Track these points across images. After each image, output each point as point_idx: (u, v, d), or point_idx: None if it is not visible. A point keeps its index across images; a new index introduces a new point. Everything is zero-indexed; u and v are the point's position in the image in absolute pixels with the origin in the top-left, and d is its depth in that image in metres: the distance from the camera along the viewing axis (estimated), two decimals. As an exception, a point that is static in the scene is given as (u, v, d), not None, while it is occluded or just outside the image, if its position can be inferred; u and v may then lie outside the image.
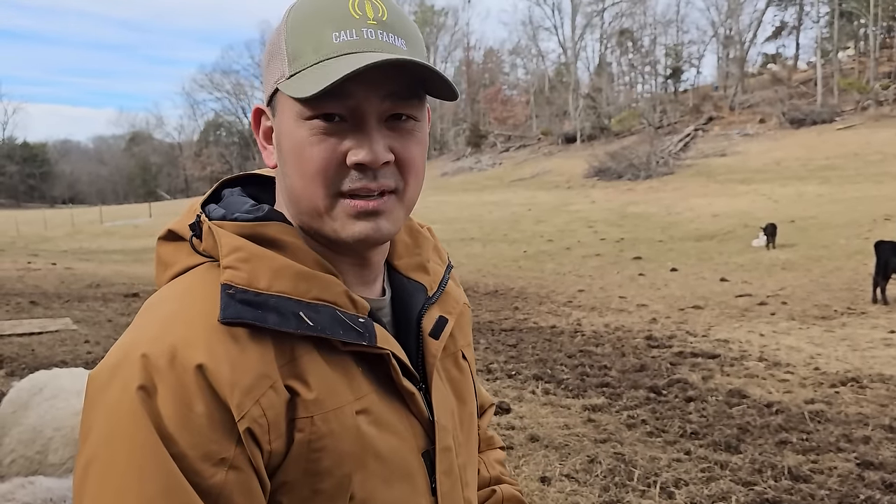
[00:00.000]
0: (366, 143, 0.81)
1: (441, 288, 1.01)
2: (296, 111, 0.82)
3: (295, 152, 0.83)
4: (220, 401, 0.73)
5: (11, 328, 9.46)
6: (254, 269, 0.80)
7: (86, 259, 25.70)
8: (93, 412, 0.75)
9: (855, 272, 15.19)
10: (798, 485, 4.41)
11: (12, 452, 3.34)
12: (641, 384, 6.92)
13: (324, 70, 0.78)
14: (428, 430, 0.91)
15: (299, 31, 0.82)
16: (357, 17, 0.81)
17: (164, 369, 0.73)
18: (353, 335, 0.82)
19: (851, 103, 50.02)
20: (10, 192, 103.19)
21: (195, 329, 0.76)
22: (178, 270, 0.87)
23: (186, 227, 0.88)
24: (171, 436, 0.71)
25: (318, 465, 0.78)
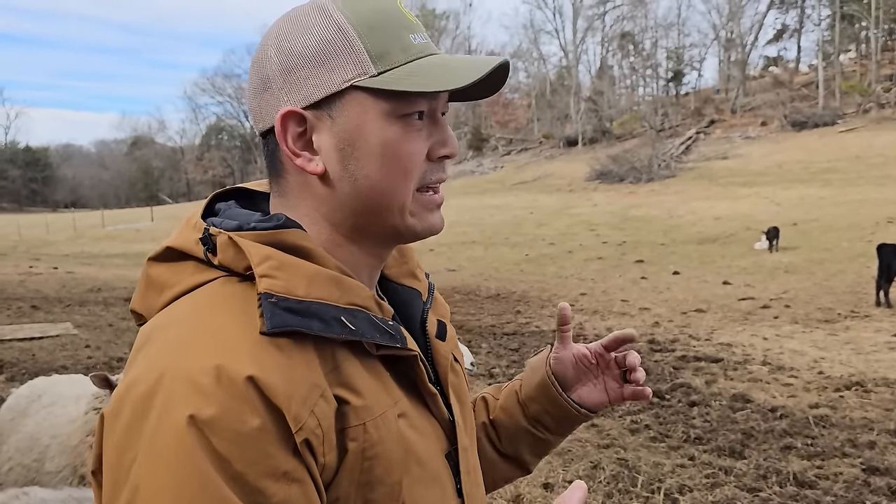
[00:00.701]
0: (448, 136, 0.87)
1: (430, 294, 1.02)
2: (383, 110, 0.82)
3: (386, 152, 0.82)
4: (277, 412, 0.69)
5: (12, 333, 9.45)
6: (289, 276, 0.77)
7: (87, 263, 25.71)
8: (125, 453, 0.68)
9: (858, 275, 15.15)
10: (804, 491, 4.38)
11: (10, 460, 3.31)
12: (644, 389, 6.88)
13: (438, 68, 0.82)
14: (447, 431, 0.91)
15: (376, 30, 0.82)
16: (414, 23, 0.86)
17: (210, 388, 0.68)
18: (387, 338, 0.82)
19: (853, 106, 49.99)
20: (13, 196, 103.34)
21: (236, 342, 0.72)
22: (182, 290, 0.81)
23: (191, 243, 0.83)
24: (228, 456, 0.66)
25: (371, 474, 0.77)
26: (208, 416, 0.66)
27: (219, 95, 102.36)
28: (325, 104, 0.82)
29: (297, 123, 0.83)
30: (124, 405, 0.70)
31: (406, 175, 0.83)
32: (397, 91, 0.80)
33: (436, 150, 0.86)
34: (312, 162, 0.84)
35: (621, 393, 1.14)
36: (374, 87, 0.80)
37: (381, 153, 0.82)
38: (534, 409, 1.16)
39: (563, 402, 1.13)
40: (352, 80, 0.81)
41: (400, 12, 0.84)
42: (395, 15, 0.84)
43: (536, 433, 1.17)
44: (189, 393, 0.68)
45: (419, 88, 0.80)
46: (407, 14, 0.85)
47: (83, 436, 3.16)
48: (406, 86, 0.80)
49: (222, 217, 0.87)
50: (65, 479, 3.07)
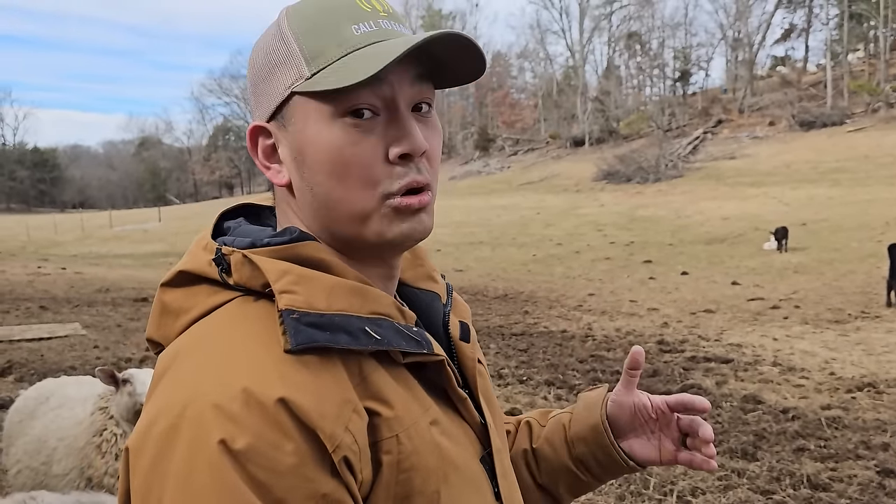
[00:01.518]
0: (405, 132, 0.78)
1: (450, 296, 0.98)
2: (324, 113, 0.77)
3: (330, 157, 0.77)
4: (311, 433, 0.66)
5: (21, 333, 9.47)
6: (309, 290, 0.75)
7: (95, 264, 25.80)
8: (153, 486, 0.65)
9: (868, 275, 15.05)
10: (818, 493, 4.33)
11: (18, 463, 3.30)
12: (654, 390, 6.83)
13: (358, 59, 0.75)
14: (480, 435, 0.88)
15: (313, 30, 0.78)
16: (369, 10, 0.79)
17: (240, 413, 0.65)
18: (413, 345, 0.79)
19: (861, 105, 49.78)
20: (21, 197, 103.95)
21: (260, 364, 0.69)
22: (198, 314, 0.78)
23: (204, 265, 0.80)
24: (264, 483, 0.63)
25: (409, 486, 0.74)
26: (242, 443, 0.64)
27: (226, 96, 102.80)
28: (279, 114, 0.81)
29: (266, 136, 0.83)
30: (148, 439, 0.67)
31: (356, 181, 0.77)
32: (327, 91, 0.75)
33: (391, 149, 0.77)
34: (280, 174, 0.83)
35: (675, 456, 1.06)
36: (306, 89, 0.77)
37: (327, 159, 0.77)
38: (580, 451, 1.10)
39: (613, 450, 1.07)
40: (291, 86, 0.78)
41: (351, 4, 0.79)
42: (341, 8, 0.78)
43: (578, 474, 1.12)
44: (218, 420, 0.65)
45: (333, 85, 0.74)
46: (361, 4, 0.79)
47: (89, 437, 3.15)
48: (325, 84, 0.75)
49: (233, 235, 0.84)
50: (72, 482, 3.06)
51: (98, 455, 3.08)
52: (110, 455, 3.08)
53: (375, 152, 0.77)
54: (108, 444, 3.09)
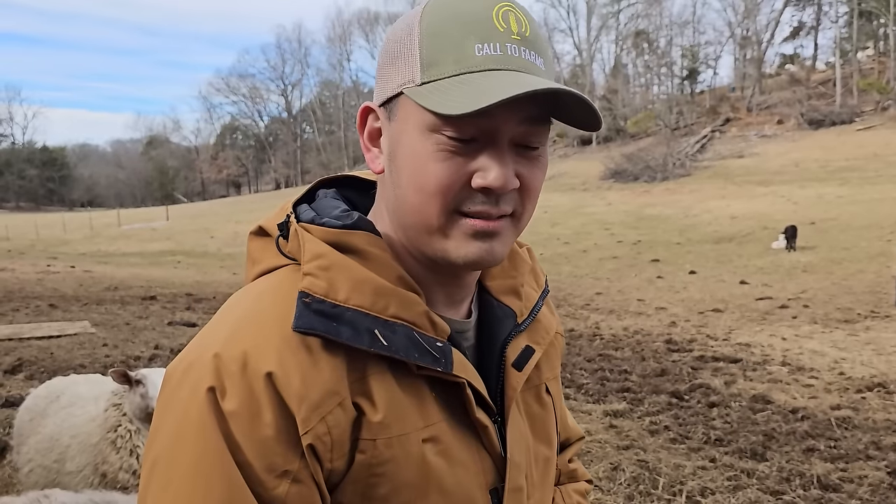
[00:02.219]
0: (496, 167, 0.75)
1: (532, 315, 0.94)
2: (423, 122, 0.75)
3: (414, 164, 0.76)
4: (287, 412, 0.71)
5: (31, 331, 9.51)
6: (333, 278, 0.77)
7: (104, 262, 25.91)
8: (164, 411, 0.74)
9: (877, 275, 14.98)
10: (828, 494, 4.30)
11: (30, 462, 3.32)
12: (663, 389, 6.82)
13: (469, 86, 0.72)
14: (499, 467, 0.85)
15: (438, 36, 0.76)
16: (501, 31, 0.75)
17: (235, 374, 0.71)
18: (428, 359, 0.77)
19: (871, 104, 49.52)
20: (30, 196, 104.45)
21: (268, 335, 0.74)
22: (264, 269, 0.84)
23: (274, 226, 0.85)
24: (238, 443, 0.69)
25: (375, 490, 0.75)
26: (227, 400, 0.70)
27: (233, 95, 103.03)
28: (389, 104, 0.80)
29: (373, 118, 0.83)
30: (174, 373, 0.76)
31: (431, 196, 0.76)
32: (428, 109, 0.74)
33: (475, 178, 0.75)
34: (377, 160, 0.83)
35: None
36: (412, 96, 0.76)
37: (411, 166, 0.77)
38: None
39: None
40: (402, 85, 0.77)
41: (487, 19, 0.75)
42: (474, 21, 0.75)
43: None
44: (214, 371, 0.71)
45: (435, 107, 0.72)
46: (498, 22, 0.75)
47: (104, 433, 3.17)
48: (429, 102, 0.73)
49: (314, 206, 0.88)
50: (86, 479, 3.07)
51: (113, 451, 3.10)
52: (125, 451, 3.10)
53: (460, 175, 0.75)
54: (123, 440, 3.11)
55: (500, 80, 0.72)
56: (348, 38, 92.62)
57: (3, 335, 9.14)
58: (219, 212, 55.48)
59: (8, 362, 7.53)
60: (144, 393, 3.11)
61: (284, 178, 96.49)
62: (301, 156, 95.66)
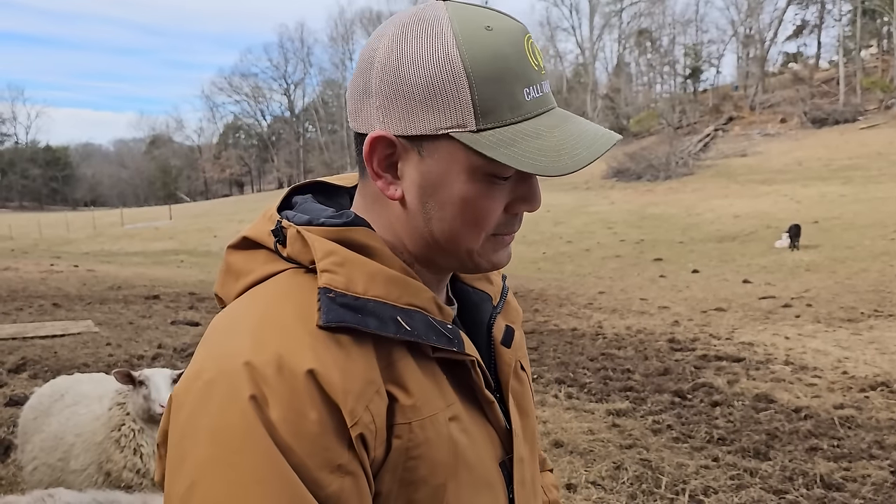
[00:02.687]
0: (535, 196, 0.84)
1: (503, 298, 1.02)
2: (474, 165, 0.78)
3: (462, 203, 0.81)
4: (334, 407, 0.71)
5: (34, 330, 9.53)
6: (349, 272, 0.79)
7: (107, 261, 25.95)
8: (190, 432, 0.71)
9: (881, 273, 14.95)
10: (831, 493, 4.30)
11: (34, 460, 3.33)
12: (666, 388, 6.82)
13: (538, 141, 0.77)
14: (503, 440, 0.91)
15: (491, 82, 0.76)
16: (536, 69, 0.80)
17: (272, 377, 0.70)
18: (444, 341, 0.81)
19: (874, 102, 49.42)
20: (34, 195, 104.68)
21: (297, 335, 0.74)
22: (255, 279, 0.84)
23: (264, 234, 0.86)
24: (289, 445, 0.69)
25: (414, 473, 0.77)
26: (272, 405, 0.69)
27: (236, 94, 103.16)
28: (418, 140, 0.79)
29: (387, 146, 0.81)
30: (190, 391, 0.73)
31: (479, 228, 0.82)
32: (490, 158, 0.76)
33: (516, 206, 0.84)
34: (392, 186, 0.83)
35: None
36: (467, 142, 0.76)
37: (459, 204, 0.80)
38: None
39: None
40: (450, 129, 0.77)
41: (523, 57, 0.78)
42: (516, 62, 0.77)
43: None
44: (250, 379, 0.70)
45: (509, 162, 0.75)
46: (531, 58, 0.79)
47: (108, 432, 3.18)
48: (497, 155, 0.75)
49: (297, 211, 0.89)
50: (90, 477, 3.08)
51: (117, 449, 3.11)
52: (129, 449, 3.12)
53: (501, 205, 0.82)
54: (127, 439, 3.13)
55: (563, 132, 0.79)
56: (351, 37, 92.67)
57: (7, 334, 9.16)
58: (222, 211, 55.53)
59: (12, 361, 7.55)
60: (147, 394, 3.13)
61: (287, 178, 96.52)
62: (304, 155, 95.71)
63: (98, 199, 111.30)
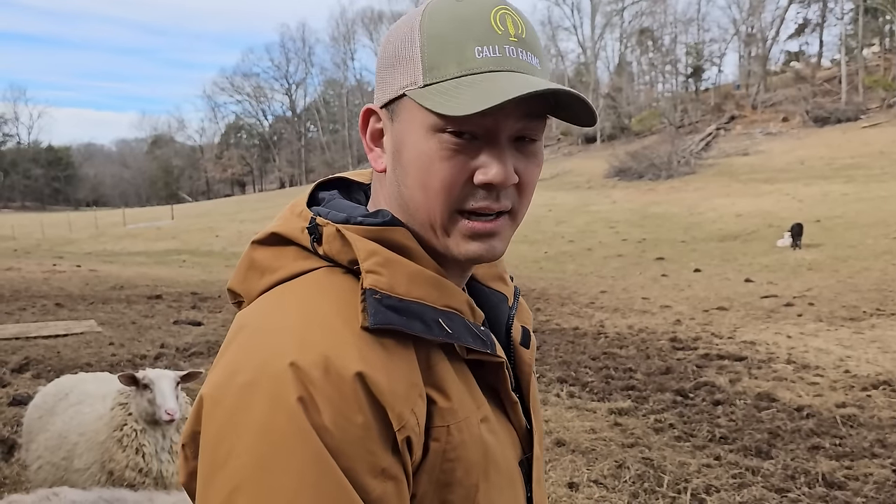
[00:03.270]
0: (497, 163, 0.78)
1: (516, 299, 1.01)
2: (427, 123, 0.78)
3: (420, 164, 0.80)
4: (381, 410, 0.71)
5: (37, 330, 9.56)
6: (393, 274, 0.78)
7: (109, 261, 25.97)
8: (231, 435, 0.69)
9: (883, 272, 14.94)
10: (833, 492, 4.31)
11: (39, 459, 3.34)
12: (668, 387, 6.82)
13: (473, 88, 0.76)
14: (522, 439, 0.92)
15: (438, 40, 0.79)
16: (500, 33, 0.79)
17: (319, 379, 0.69)
18: (479, 343, 0.82)
19: (877, 101, 49.33)
20: (36, 195, 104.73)
21: (342, 336, 0.73)
22: (284, 276, 0.83)
23: (296, 231, 0.84)
24: (338, 448, 0.68)
25: (451, 475, 0.77)
26: (320, 408, 0.68)
27: (237, 94, 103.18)
28: (391, 106, 0.83)
29: (377, 120, 0.86)
30: (228, 391, 0.71)
31: (436, 194, 0.79)
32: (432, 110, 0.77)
33: (477, 174, 0.79)
34: (380, 159, 0.86)
35: None
36: (416, 98, 0.78)
37: (416, 165, 0.80)
38: None
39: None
40: (404, 87, 0.80)
41: (485, 22, 0.78)
42: (472, 25, 0.78)
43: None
44: (298, 380, 0.69)
45: (439, 109, 0.76)
46: (495, 24, 0.79)
47: (110, 431, 3.19)
48: (433, 103, 0.76)
49: (328, 208, 0.88)
50: (93, 476, 3.09)
51: (119, 449, 3.12)
52: (131, 449, 3.13)
53: (463, 171, 0.79)
54: (129, 439, 3.14)
55: (501, 82, 0.75)
56: (352, 36, 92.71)
57: (10, 334, 9.19)
58: (224, 211, 55.56)
59: (15, 361, 7.57)
60: (152, 399, 3.13)
61: (289, 177, 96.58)
62: (305, 155, 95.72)
63: (100, 199, 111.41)
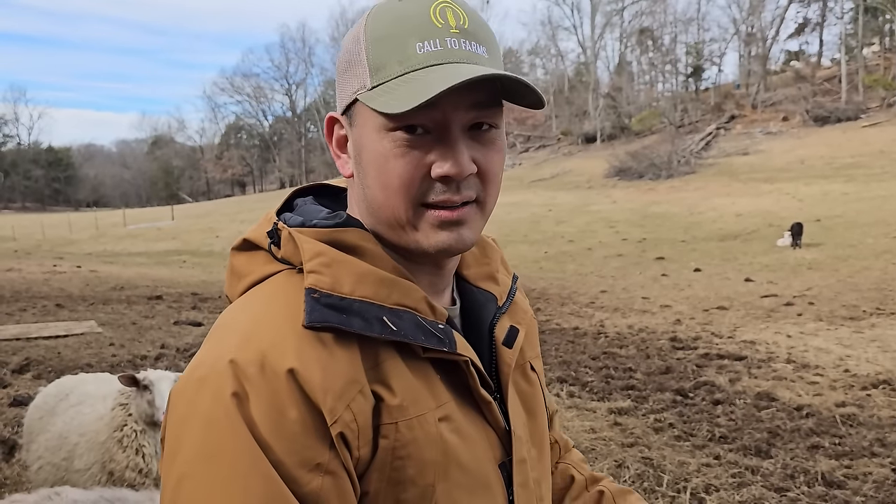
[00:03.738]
0: (451, 155, 0.79)
1: (510, 298, 1.00)
2: (378, 123, 0.80)
3: (377, 164, 0.81)
4: (313, 406, 0.72)
5: (38, 331, 9.56)
6: (337, 273, 0.80)
7: (110, 262, 25.99)
8: (183, 426, 0.73)
9: (883, 272, 14.94)
10: (832, 491, 4.31)
11: (39, 459, 3.35)
12: (667, 387, 6.83)
13: (412, 84, 0.77)
14: (504, 441, 0.90)
15: (382, 41, 0.80)
16: (440, 26, 0.79)
17: (254, 376, 0.72)
18: (434, 341, 0.81)
19: (877, 100, 49.34)
20: (36, 196, 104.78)
21: (282, 334, 0.75)
22: (255, 280, 0.86)
23: (262, 236, 0.88)
24: (268, 443, 0.70)
25: (402, 473, 0.78)
26: (253, 403, 0.71)
27: (237, 95, 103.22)
28: (349, 112, 0.85)
29: (340, 127, 0.88)
30: (187, 386, 0.76)
31: (396, 191, 0.80)
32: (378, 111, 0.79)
33: (433, 168, 0.79)
34: (347, 164, 0.88)
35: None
36: (365, 101, 0.80)
37: (374, 166, 0.82)
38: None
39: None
40: (356, 92, 0.82)
41: (424, 17, 0.79)
42: (412, 22, 0.79)
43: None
44: (234, 376, 0.72)
45: (383, 108, 0.77)
46: (435, 18, 0.79)
47: (111, 432, 3.20)
48: (379, 104, 0.78)
49: (295, 213, 0.91)
50: (94, 477, 3.10)
51: (119, 449, 3.13)
52: (131, 450, 3.14)
53: (419, 166, 0.80)
54: (129, 440, 3.15)
55: (440, 74, 0.76)
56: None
57: (11, 335, 9.19)
58: (224, 211, 55.55)
59: (16, 362, 7.57)
60: (151, 400, 3.15)
61: (289, 178, 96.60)
62: (305, 155, 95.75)
63: (100, 199, 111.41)
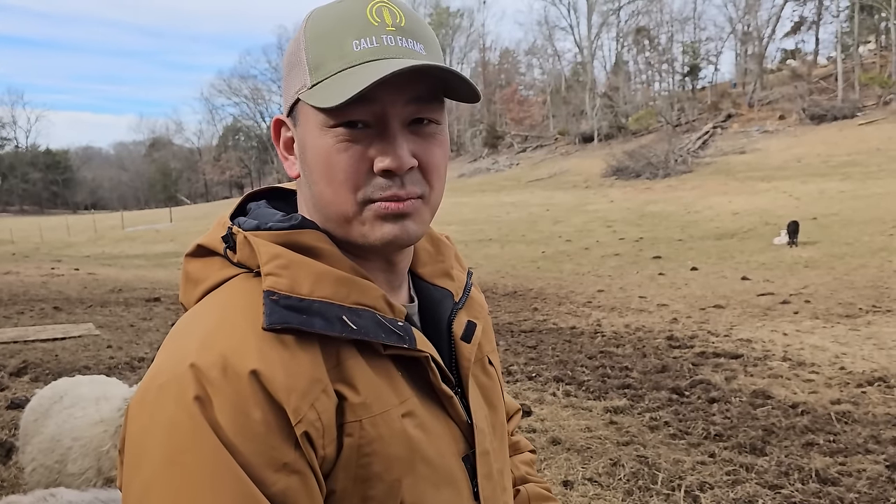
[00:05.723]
0: (390, 149, 0.81)
1: (466, 293, 1.02)
2: (319, 120, 0.82)
3: (321, 161, 0.83)
4: (277, 406, 0.72)
5: (35, 333, 9.56)
6: (294, 275, 0.80)
7: (108, 264, 25.97)
8: (145, 435, 0.73)
9: (879, 269, 14.96)
10: (826, 488, 4.33)
11: (33, 461, 3.35)
12: (663, 385, 6.84)
13: (347, 79, 0.79)
14: (466, 434, 0.91)
15: (319, 41, 0.82)
16: (376, 24, 0.81)
17: (216, 378, 0.72)
18: (394, 338, 0.82)
19: (873, 98, 49.39)
20: (34, 199, 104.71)
21: (243, 336, 0.76)
22: (211, 285, 0.86)
23: (217, 241, 0.88)
24: (234, 445, 0.70)
25: (368, 470, 0.78)
26: (217, 406, 0.71)
27: (235, 97, 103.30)
28: (293, 112, 0.87)
29: (286, 129, 0.90)
30: (147, 393, 0.75)
31: (340, 186, 0.82)
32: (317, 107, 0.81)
33: (375, 163, 0.81)
34: (294, 165, 0.90)
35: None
36: (305, 99, 0.82)
37: (318, 162, 0.83)
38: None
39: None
40: (297, 91, 0.84)
41: (361, 16, 0.81)
42: (349, 21, 0.81)
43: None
44: (195, 380, 0.72)
45: (320, 104, 0.79)
46: (371, 17, 0.81)
47: (114, 441, 3.18)
48: (317, 100, 0.80)
49: (249, 217, 0.91)
50: (88, 481, 3.10)
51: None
52: None
53: (362, 160, 0.81)
54: None
55: (374, 68, 0.78)
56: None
57: (9, 338, 9.19)
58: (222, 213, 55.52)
59: (13, 364, 7.58)
60: None
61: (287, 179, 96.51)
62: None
63: (98, 202, 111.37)
